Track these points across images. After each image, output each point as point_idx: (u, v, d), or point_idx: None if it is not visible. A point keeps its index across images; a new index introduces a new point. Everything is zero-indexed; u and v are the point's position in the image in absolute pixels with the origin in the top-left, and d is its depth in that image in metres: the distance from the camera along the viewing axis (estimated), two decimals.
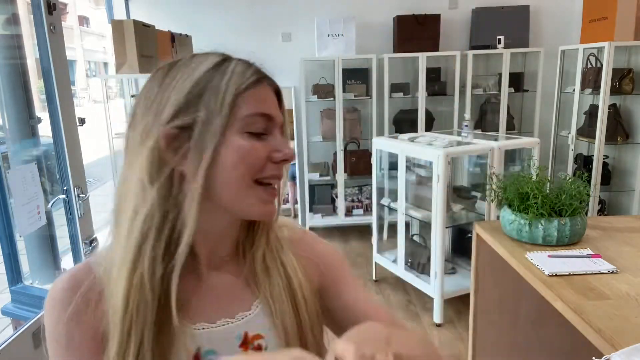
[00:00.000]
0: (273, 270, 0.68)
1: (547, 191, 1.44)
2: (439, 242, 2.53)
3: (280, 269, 0.69)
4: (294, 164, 4.27)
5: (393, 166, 3.02)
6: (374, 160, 3.11)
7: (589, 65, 3.46)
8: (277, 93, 0.67)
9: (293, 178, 4.28)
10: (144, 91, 0.63)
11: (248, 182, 0.61)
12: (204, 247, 0.65)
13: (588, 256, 1.33)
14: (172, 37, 3.34)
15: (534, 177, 1.47)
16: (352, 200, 4.15)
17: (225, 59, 0.66)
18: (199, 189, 0.58)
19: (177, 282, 0.59)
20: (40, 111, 2.29)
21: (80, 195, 2.19)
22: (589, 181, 3.31)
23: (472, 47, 3.98)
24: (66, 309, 0.60)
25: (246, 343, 0.65)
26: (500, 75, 3.87)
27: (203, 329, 0.63)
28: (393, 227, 3.08)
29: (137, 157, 0.60)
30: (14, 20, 2.13)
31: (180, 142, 0.60)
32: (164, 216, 0.59)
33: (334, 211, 4.17)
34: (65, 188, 2.19)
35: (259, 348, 0.65)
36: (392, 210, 3.08)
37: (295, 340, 0.66)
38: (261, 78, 0.64)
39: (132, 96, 3.03)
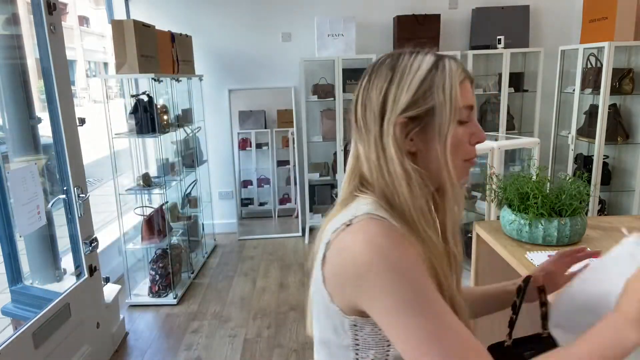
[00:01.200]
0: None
1: (547, 191, 1.44)
2: None
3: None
4: (295, 165, 4.28)
5: None
6: None
7: (589, 65, 3.46)
8: (472, 84, 0.81)
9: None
10: (376, 83, 0.78)
11: (459, 161, 0.78)
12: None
13: None
14: (172, 37, 3.34)
15: (534, 177, 1.47)
16: None
17: (440, 57, 0.78)
18: (447, 161, 0.75)
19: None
20: (41, 111, 2.28)
21: (80, 195, 2.19)
22: (589, 181, 3.32)
23: (472, 47, 3.98)
24: (403, 244, 0.70)
25: None
26: (500, 75, 3.87)
27: None
28: None
29: (384, 140, 0.76)
30: (14, 20, 2.12)
31: (409, 129, 0.75)
32: (432, 189, 0.79)
33: None
34: (65, 188, 2.19)
35: None
36: None
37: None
38: (468, 74, 0.78)
39: (132, 96, 3.03)
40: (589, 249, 1.38)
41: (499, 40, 3.83)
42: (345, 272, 0.70)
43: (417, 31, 3.84)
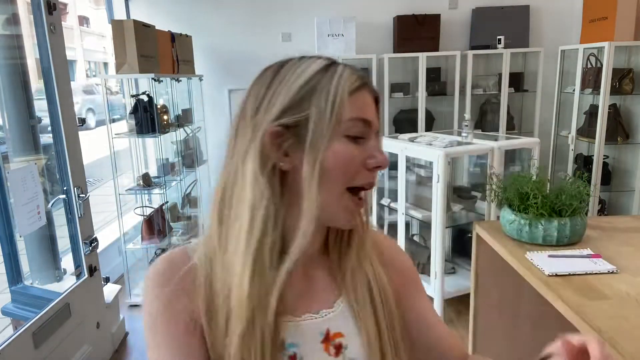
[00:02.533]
0: (359, 272, 0.69)
1: (547, 191, 1.44)
2: (439, 242, 2.53)
3: (366, 272, 0.69)
4: None
5: (393, 166, 3.01)
6: None
7: (589, 65, 3.46)
8: (376, 100, 0.68)
9: None
10: (254, 89, 0.66)
11: (340, 188, 0.62)
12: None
13: (588, 256, 1.33)
14: (172, 37, 3.34)
15: (534, 177, 1.47)
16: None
17: (333, 63, 0.65)
18: (313, 183, 0.60)
19: (284, 276, 0.60)
20: (41, 111, 2.28)
21: (80, 195, 2.19)
22: (589, 181, 3.32)
23: (472, 47, 3.98)
24: (164, 288, 0.62)
25: (328, 340, 0.66)
26: (500, 75, 3.87)
27: (290, 322, 0.64)
28: (393, 227, 3.08)
29: (247, 151, 0.62)
30: (14, 20, 2.12)
31: (283, 139, 0.61)
32: (278, 210, 0.61)
33: None
34: (65, 188, 2.19)
35: (339, 346, 0.66)
36: (392, 210, 3.08)
37: (375, 345, 0.67)
38: (365, 84, 0.65)
39: (132, 96, 3.03)
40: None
41: (499, 40, 3.83)
42: None
43: (417, 31, 3.84)
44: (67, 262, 2.41)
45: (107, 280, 2.55)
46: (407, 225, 2.95)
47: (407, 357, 0.70)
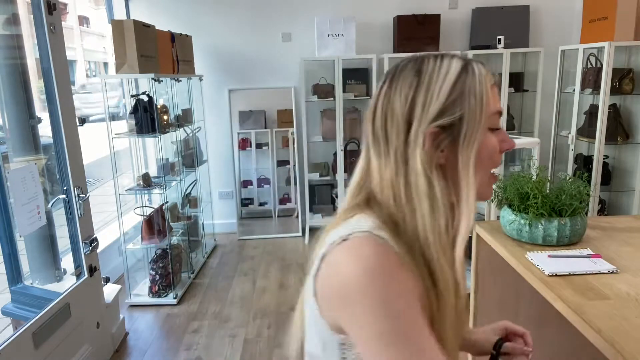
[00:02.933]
0: None
1: (547, 191, 1.44)
2: None
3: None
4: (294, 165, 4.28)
5: None
6: None
7: (589, 65, 3.46)
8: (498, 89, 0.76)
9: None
10: (398, 89, 0.71)
11: (489, 172, 0.74)
12: None
13: (588, 256, 1.33)
14: (172, 37, 3.34)
15: (534, 177, 1.47)
16: None
17: (468, 61, 0.72)
18: (470, 172, 0.69)
19: (462, 255, 0.70)
20: (41, 111, 2.28)
21: (80, 195, 2.19)
22: (589, 181, 3.32)
23: (472, 47, 3.98)
24: (399, 283, 0.63)
25: None
26: (500, 75, 3.87)
27: None
28: None
29: (407, 151, 0.69)
30: (14, 20, 2.12)
31: (440, 139, 0.69)
32: (447, 198, 0.70)
33: (334, 211, 4.17)
34: (65, 188, 2.19)
35: None
36: None
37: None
38: (495, 78, 0.73)
39: (132, 96, 3.03)
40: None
41: (499, 40, 3.83)
42: (331, 287, 0.66)
43: (417, 31, 3.84)
44: (67, 262, 2.41)
45: (107, 280, 2.55)
46: None
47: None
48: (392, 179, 0.70)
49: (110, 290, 2.57)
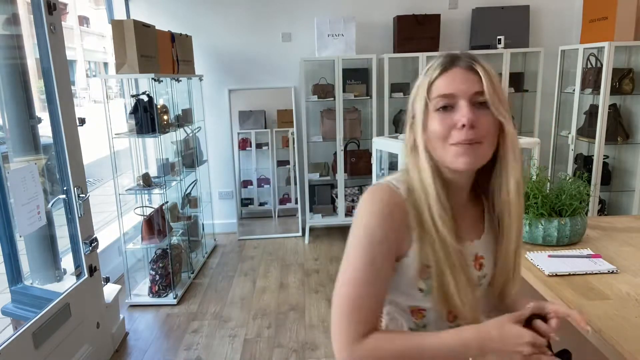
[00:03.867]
0: (507, 205, 0.90)
1: (547, 191, 1.44)
2: None
3: (507, 219, 0.91)
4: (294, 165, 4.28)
5: (393, 166, 3.01)
6: (374, 160, 3.11)
7: (589, 65, 3.46)
8: (471, 63, 0.85)
9: None
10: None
11: (444, 145, 0.84)
12: (452, 195, 0.88)
13: (588, 256, 1.33)
14: (172, 37, 3.34)
15: (534, 177, 1.47)
16: (352, 200, 4.15)
17: (437, 57, 0.89)
18: (424, 155, 0.86)
19: (454, 207, 0.88)
20: (41, 111, 2.28)
21: (80, 195, 2.19)
22: (589, 181, 3.32)
23: (472, 47, 3.98)
24: (386, 220, 0.84)
25: (476, 260, 0.93)
26: (500, 75, 3.87)
27: (466, 244, 0.92)
28: None
29: (406, 131, 0.91)
30: (14, 20, 2.12)
31: (411, 125, 0.89)
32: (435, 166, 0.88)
33: (334, 211, 4.17)
34: (65, 188, 2.19)
35: (481, 265, 0.94)
36: None
37: (502, 267, 0.94)
38: (448, 65, 0.85)
39: (132, 96, 3.03)
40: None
41: (499, 40, 3.84)
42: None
43: (417, 31, 3.84)
44: (67, 262, 2.41)
45: (107, 280, 2.55)
46: None
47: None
48: (405, 153, 0.91)
49: (110, 290, 2.57)
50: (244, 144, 4.36)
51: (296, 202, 4.37)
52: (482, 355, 0.81)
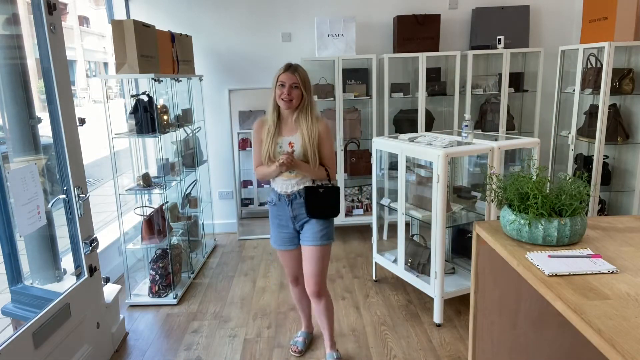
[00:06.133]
0: (307, 125, 2.11)
1: (547, 191, 1.44)
2: (439, 242, 2.53)
3: (311, 126, 2.11)
4: None
5: (393, 166, 3.01)
6: (374, 160, 3.11)
7: (589, 65, 3.46)
8: (293, 70, 2.09)
9: None
10: None
11: (277, 101, 2.12)
12: (284, 117, 2.18)
13: (588, 256, 1.33)
14: (172, 37, 3.34)
15: (534, 177, 1.47)
16: (352, 200, 4.15)
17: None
18: (273, 103, 2.15)
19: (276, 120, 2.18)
20: (41, 111, 2.28)
21: (80, 195, 2.19)
22: (589, 181, 3.32)
23: (472, 47, 3.98)
24: (258, 129, 2.21)
25: (290, 144, 2.13)
26: (500, 75, 3.87)
27: (280, 137, 2.15)
28: (393, 227, 3.07)
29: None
30: (14, 20, 2.12)
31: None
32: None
33: None
34: (65, 188, 2.18)
35: (293, 146, 2.12)
36: (392, 210, 3.08)
37: (306, 149, 2.11)
38: (286, 68, 2.10)
39: (132, 96, 3.03)
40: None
41: (499, 40, 3.84)
42: None
43: (417, 31, 3.84)
44: (67, 262, 2.41)
45: (107, 280, 2.55)
46: (407, 225, 2.95)
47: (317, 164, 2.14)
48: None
49: (110, 290, 2.57)
50: (244, 144, 4.36)
51: None
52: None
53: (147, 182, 3.08)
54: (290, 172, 2.13)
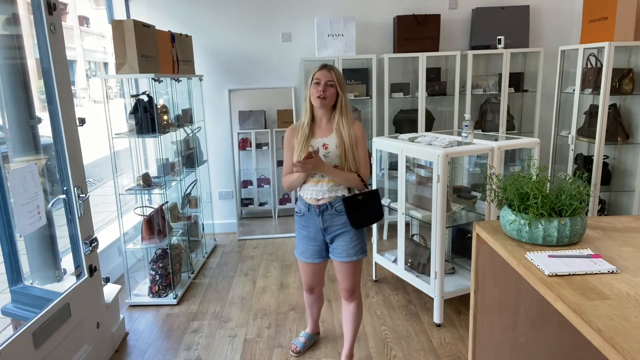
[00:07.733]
0: (342, 127, 2.03)
1: (547, 191, 1.43)
2: (439, 242, 2.53)
3: (347, 128, 2.04)
4: None
5: (393, 166, 3.01)
6: (374, 160, 3.11)
7: (589, 65, 3.46)
8: (329, 69, 2.05)
9: None
10: None
11: (312, 100, 2.06)
12: (318, 119, 2.10)
13: (588, 256, 1.33)
14: (172, 37, 3.34)
15: (534, 177, 1.47)
16: None
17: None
18: (308, 101, 2.11)
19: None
20: (41, 111, 2.28)
21: (80, 195, 2.19)
22: (589, 181, 3.32)
23: (472, 47, 3.98)
24: (289, 136, 2.13)
25: (324, 146, 2.03)
26: (500, 75, 3.87)
27: (314, 139, 2.07)
28: (393, 227, 3.07)
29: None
30: (14, 20, 2.12)
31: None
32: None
33: None
34: (65, 188, 2.18)
35: (327, 147, 2.03)
36: (392, 210, 3.08)
37: (342, 153, 2.03)
38: (323, 67, 2.06)
39: (132, 96, 3.03)
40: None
41: (499, 40, 3.84)
42: None
43: (417, 31, 3.84)
44: (67, 262, 2.41)
45: (107, 280, 2.55)
46: (407, 225, 2.95)
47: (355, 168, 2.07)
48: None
49: (110, 290, 2.57)
50: (243, 144, 4.36)
51: (296, 202, 4.36)
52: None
53: (147, 182, 3.08)
54: (323, 176, 2.01)
